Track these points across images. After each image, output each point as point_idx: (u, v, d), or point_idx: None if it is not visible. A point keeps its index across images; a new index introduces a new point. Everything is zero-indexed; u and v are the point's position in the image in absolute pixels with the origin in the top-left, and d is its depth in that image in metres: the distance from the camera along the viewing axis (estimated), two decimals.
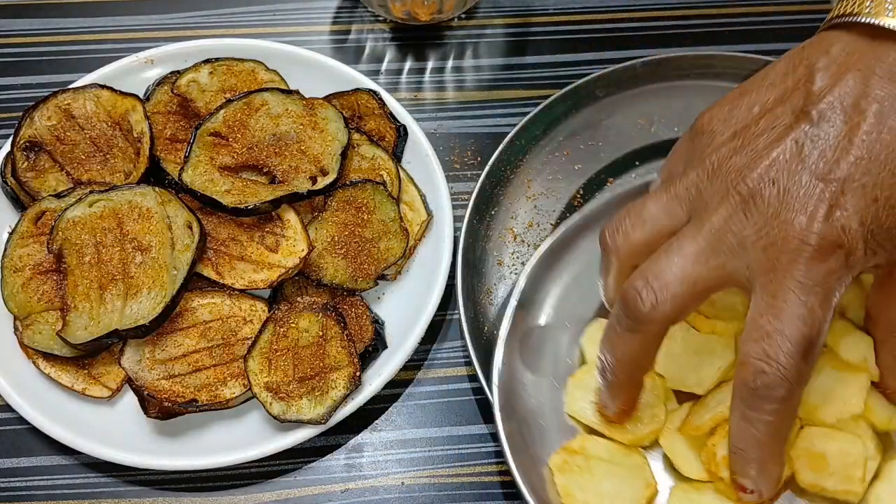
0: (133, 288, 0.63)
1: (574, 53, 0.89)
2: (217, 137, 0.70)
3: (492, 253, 0.74)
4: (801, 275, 0.44)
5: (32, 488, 0.66)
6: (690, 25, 0.92)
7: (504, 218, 0.76)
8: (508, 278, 0.73)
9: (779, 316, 0.44)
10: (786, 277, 0.45)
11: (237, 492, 0.66)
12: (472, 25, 0.92)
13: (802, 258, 0.44)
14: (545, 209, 0.77)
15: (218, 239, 0.68)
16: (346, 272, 0.69)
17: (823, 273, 0.44)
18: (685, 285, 0.47)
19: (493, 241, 0.74)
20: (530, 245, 0.75)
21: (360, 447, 0.68)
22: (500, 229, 0.75)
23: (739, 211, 0.46)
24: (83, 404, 0.65)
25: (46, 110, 0.71)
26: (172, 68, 0.77)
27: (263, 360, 0.64)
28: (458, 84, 0.88)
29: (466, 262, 0.71)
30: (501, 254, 0.74)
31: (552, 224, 0.76)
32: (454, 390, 0.71)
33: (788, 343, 0.44)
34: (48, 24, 0.90)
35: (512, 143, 0.77)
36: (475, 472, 0.67)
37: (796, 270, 0.44)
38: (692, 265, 0.47)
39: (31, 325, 0.64)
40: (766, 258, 0.45)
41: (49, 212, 0.67)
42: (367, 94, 0.77)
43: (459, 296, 0.69)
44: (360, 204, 0.70)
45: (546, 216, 0.76)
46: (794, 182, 0.46)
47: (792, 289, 0.44)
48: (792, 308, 0.44)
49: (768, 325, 0.45)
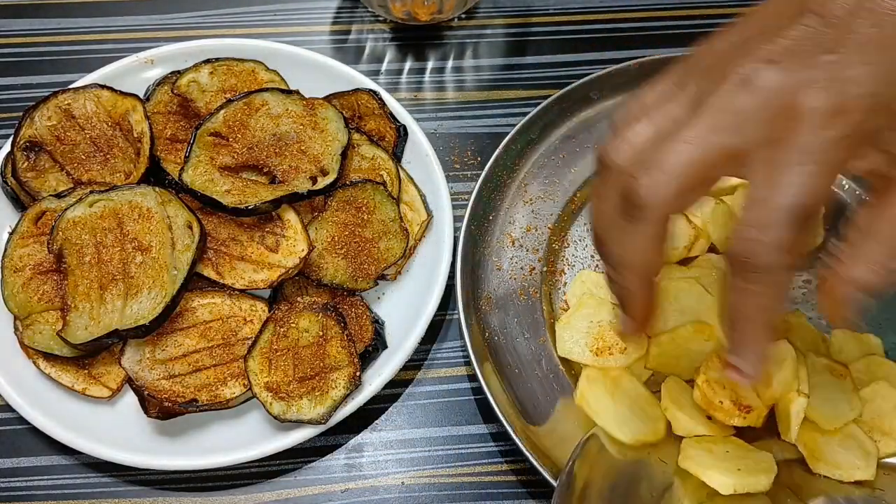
0: (133, 288, 0.63)
1: (574, 53, 0.89)
2: (217, 137, 0.70)
3: (490, 258, 0.74)
4: (801, 142, 0.42)
5: (32, 488, 0.66)
6: (690, 25, 0.92)
7: (502, 223, 0.76)
8: (507, 283, 0.73)
9: (774, 184, 0.43)
10: (785, 147, 0.43)
11: (237, 492, 0.66)
12: (472, 25, 0.92)
13: (803, 125, 0.43)
14: (542, 213, 0.77)
15: (218, 239, 0.68)
16: (346, 272, 0.69)
17: (823, 141, 0.43)
18: (684, 167, 0.45)
19: (492, 247, 0.74)
20: (528, 249, 0.75)
21: (360, 447, 0.68)
22: (499, 234, 0.75)
23: (739, 89, 0.44)
24: (83, 404, 0.65)
25: (47, 110, 0.71)
26: (173, 68, 0.77)
27: (263, 360, 0.64)
28: (458, 84, 0.88)
29: (465, 268, 0.71)
30: (500, 259, 0.74)
31: (549, 228, 0.76)
32: (454, 390, 0.71)
33: (781, 210, 0.42)
34: (48, 24, 0.90)
35: (508, 148, 0.77)
36: (475, 472, 0.67)
37: (796, 138, 0.43)
38: (692, 148, 0.45)
39: (31, 325, 0.64)
40: (766, 131, 0.44)
41: (49, 212, 0.67)
42: (367, 94, 0.77)
43: (459, 300, 0.69)
44: (360, 204, 0.70)
45: (543, 220, 0.76)
46: (798, 58, 0.44)
47: (790, 158, 0.43)
48: (788, 176, 0.42)
49: (762, 193, 0.43)
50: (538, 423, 0.66)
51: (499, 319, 0.71)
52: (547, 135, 0.79)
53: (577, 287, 0.71)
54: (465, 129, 0.84)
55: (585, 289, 0.71)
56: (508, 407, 0.65)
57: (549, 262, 0.74)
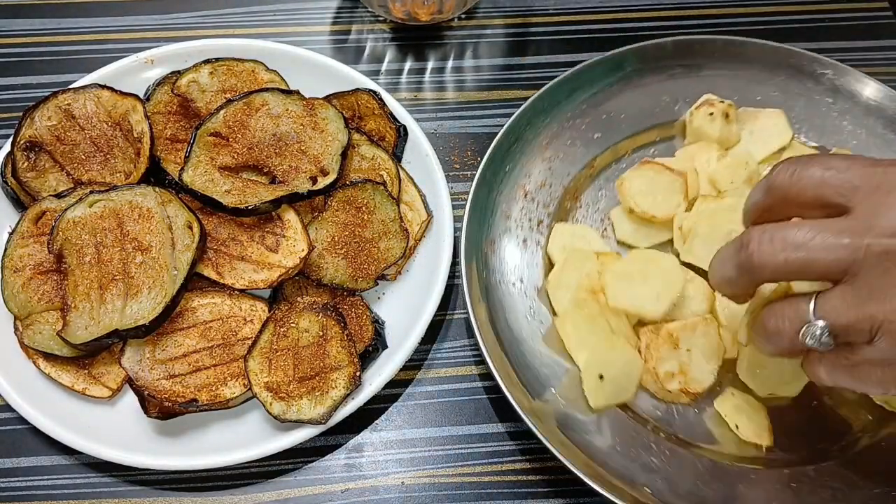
0: (133, 288, 0.63)
1: (574, 53, 0.89)
2: (217, 137, 0.70)
3: (500, 206, 0.75)
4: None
5: (32, 488, 0.66)
6: (690, 25, 0.92)
7: (518, 175, 0.77)
8: (513, 231, 0.74)
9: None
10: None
11: (237, 492, 0.66)
12: (472, 25, 0.92)
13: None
14: (559, 171, 0.78)
15: (218, 239, 0.68)
16: (346, 272, 0.69)
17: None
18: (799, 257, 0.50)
19: (504, 195, 0.75)
20: (540, 203, 0.76)
21: (360, 447, 0.68)
22: (513, 185, 0.76)
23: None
24: (83, 404, 0.65)
25: (47, 110, 0.71)
26: (173, 68, 0.77)
27: (264, 360, 0.64)
28: (458, 84, 0.88)
29: (475, 210, 0.72)
30: (510, 208, 0.75)
31: (564, 187, 0.77)
32: (454, 390, 0.71)
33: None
34: (48, 24, 0.90)
35: (535, 104, 0.77)
36: (475, 472, 0.67)
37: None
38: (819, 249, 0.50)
39: (31, 325, 0.64)
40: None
41: (49, 212, 0.67)
42: (367, 94, 0.77)
43: (463, 239, 0.70)
44: (360, 204, 0.70)
45: (559, 178, 0.77)
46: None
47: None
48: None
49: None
50: (517, 348, 0.68)
51: (498, 262, 0.72)
52: (575, 98, 0.80)
53: (557, 240, 0.74)
54: (465, 129, 0.84)
55: (565, 241, 0.73)
56: (490, 331, 0.67)
57: (558, 218, 0.76)
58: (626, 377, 0.67)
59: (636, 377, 0.67)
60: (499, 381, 0.64)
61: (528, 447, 0.68)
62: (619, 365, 0.66)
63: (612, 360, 0.66)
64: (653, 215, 0.73)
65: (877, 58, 0.91)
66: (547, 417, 0.64)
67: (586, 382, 0.66)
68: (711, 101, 0.78)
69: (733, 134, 0.78)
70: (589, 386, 0.66)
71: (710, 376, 0.67)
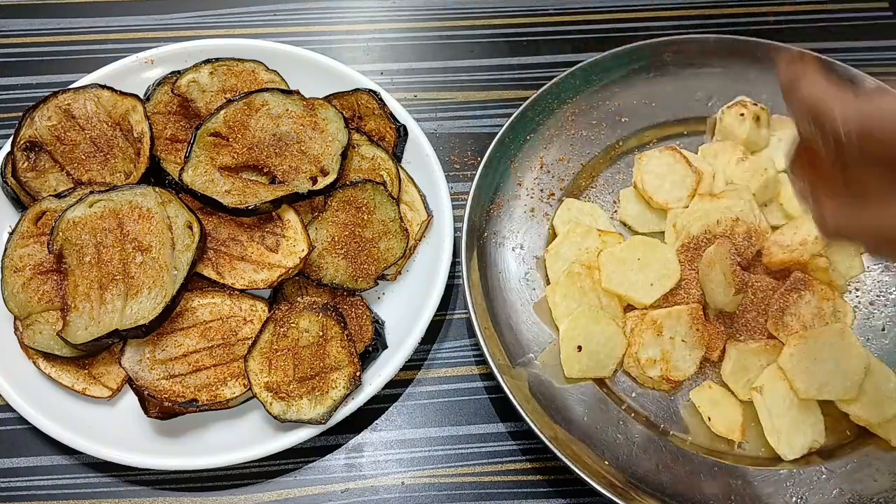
0: (133, 288, 0.63)
1: (574, 53, 0.89)
2: (217, 137, 0.70)
3: (515, 172, 0.76)
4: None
5: (32, 488, 0.66)
6: (691, 25, 0.92)
7: (537, 146, 0.78)
8: (522, 198, 0.75)
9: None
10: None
11: (237, 492, 0.66)
12: (472, 25, 0.92)
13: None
14: (579, 148, 0.79)
15: (218, 239, 0.68)
16: (346, 272, 0.69)
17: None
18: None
19: (519, 162, 0.77)
20: (555, 176, 0.77)
21: (360, 447, 0.68)
22: (531, 154, 0.77)
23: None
24: (83, 404, 0.65)
25: (47, 110, 0.71)
26: (173, 68, 0.77)
27: (264, 360, 0.64)
28: (458, 84, 0.88)
29: (487, 170, 0.73)
30: (524, 175, 0.76)
31: (582, 164, 0.78)
32: (454, 390, 0.71)
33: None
34: (48, 24, 0.90)
35: (566, 79, 0.79)
36: (475, 472, 0.67)
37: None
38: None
39: (31, 325, 0.64)
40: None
41: (49, 212, 0.67)
42: (367, 94, 0.77)
43: (470, 197, 0.71)
44: (360, 204, 0.70)
45: (578, 155, 0.78)
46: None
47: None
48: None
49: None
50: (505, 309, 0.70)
51: (501, 226, 0.74)
52: (608, 79, 0.81)
53: (564, 213, 0.75)
54: (465, 129, 0.84)
55: (571, 216, 0.74)
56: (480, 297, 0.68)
57: (570, 193, 0.77)
58: (605, 353, 0.68)
59: (616, 356, 0.68)
60: (476, 326, 0.66)
61: (528, 447, 0.68)
62: (600, 340, 0.67)
63: (593, 333, 0.67)
64: (651, 197, 0.74)
65: (877, 58, 0.91)
66: (520, 378, 0.66)
67: (564, 350, 0.67)
68: (745, 103, 0.78)
69: (762, 138, 0.78)
70: (566, 354, 0.67)
71: (692, 366, 0.68)
